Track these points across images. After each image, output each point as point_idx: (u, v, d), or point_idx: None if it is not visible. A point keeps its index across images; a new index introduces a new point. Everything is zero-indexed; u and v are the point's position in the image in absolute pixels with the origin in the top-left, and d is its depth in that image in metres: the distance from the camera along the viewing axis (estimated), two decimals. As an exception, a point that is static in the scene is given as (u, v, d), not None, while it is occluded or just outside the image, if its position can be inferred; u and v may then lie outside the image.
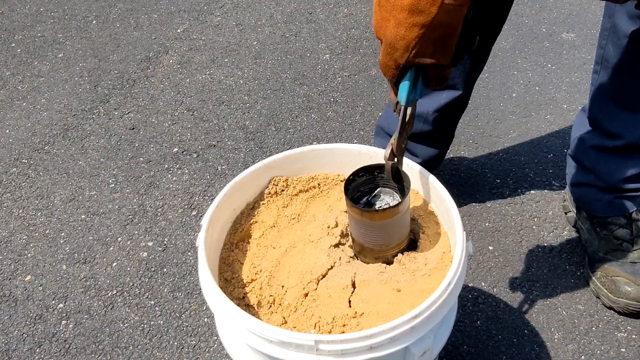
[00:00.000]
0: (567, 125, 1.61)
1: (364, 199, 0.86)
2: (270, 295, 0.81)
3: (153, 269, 1.28)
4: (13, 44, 2.12)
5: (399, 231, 0.82)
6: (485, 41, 1.14)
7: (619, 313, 1.13)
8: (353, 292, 0.80)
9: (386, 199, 0.85)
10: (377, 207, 0.84)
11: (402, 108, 0.75)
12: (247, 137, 1.64)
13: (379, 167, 0.84)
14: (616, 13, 0.99)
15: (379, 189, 0.86)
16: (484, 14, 1.08)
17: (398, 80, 0.72)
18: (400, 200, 0.80)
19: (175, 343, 1.13)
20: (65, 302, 1.22)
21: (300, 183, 0.96)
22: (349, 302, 0.79)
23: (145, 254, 1.32)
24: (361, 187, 0.85)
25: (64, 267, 1.30)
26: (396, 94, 0.75)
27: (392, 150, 0.78)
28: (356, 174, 0.84)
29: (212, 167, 1.55)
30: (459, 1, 0.64)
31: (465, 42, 0.74)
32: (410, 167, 0.90)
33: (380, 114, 1.58)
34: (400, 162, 0.81)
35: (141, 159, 1.59)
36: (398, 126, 0.77)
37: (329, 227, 0.88)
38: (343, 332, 0.75)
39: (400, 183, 0.83)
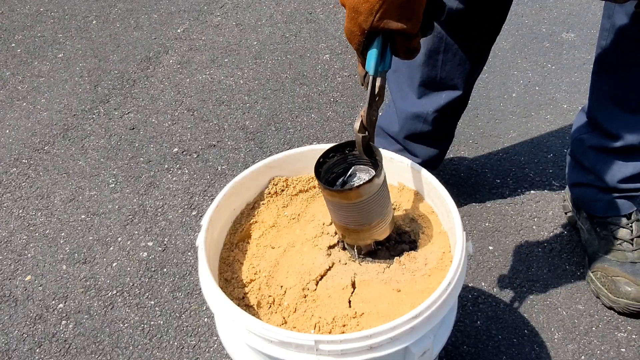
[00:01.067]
0: (567, 125, 1.61)
1: (340, 180, 0.82)
2: (270, 296, 0.81)
3: (153, 269, 1.28)
4: (13, 44, 2.12)
5: (380, 207, 0.78)
6: (485, 40, 1.14)
7: (619, 313, 1.13)
8: (353, 292, 0.80)
9: (362, 176, 0.82)
10: (355, 185, 0.80)
11: (371, 79, 0.72)
12: (247, 137, 1.64)
13: (349, 145, 0.81)
14: (616, 14, 0.99)
15: (353, 168, 0.82)
16: (483, 13, 1.08)
17: (365, 49, 0.70)
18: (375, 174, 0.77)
19: (175, 343, 1.13)
20: (65, 302, 1.22)
21: (300, 183, 0.96)
22: (349, 302, 0.79)
23: (145, 254, 1.32)
24: (334, 168, 0.82)
25: (64, 267, 1.30)
26: (363, 65, 0.72)
27: (361, 122, 0.75)
28: (326, 155, 0.80)
29: (212, 167, 1.55)
30: None
31: (434, 11, 0.72)
32: (411, 166, 0.90)
33: (380, 114, 1.58)
34: (371, 135, 0.77)
35: (141, 159, 1.59)
36: (367, 98, 0.74)
37: (328, 227, 0.88)
38: (343, 332, 0.75)
39: (373, 157, 0.79)
